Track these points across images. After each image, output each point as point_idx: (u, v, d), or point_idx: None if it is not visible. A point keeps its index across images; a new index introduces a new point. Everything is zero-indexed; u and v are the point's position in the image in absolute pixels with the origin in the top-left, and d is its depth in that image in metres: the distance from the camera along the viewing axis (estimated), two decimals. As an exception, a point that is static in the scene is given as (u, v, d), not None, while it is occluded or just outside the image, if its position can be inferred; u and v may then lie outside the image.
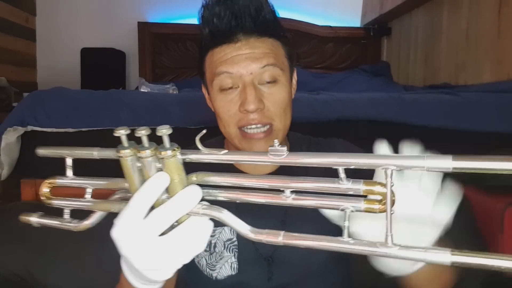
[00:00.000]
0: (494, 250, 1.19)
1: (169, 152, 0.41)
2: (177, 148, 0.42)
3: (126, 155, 0.42)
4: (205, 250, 0.77)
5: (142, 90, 1.72)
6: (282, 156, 0.39)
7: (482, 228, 1.24)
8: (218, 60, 0.69)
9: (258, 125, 0.69)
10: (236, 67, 0.68)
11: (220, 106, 0.70)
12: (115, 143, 1.45)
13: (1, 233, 1.16)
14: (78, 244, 1.14)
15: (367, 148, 1.47)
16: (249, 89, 0.67)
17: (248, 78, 0.68)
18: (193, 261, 0.69)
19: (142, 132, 0.40)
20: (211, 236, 0.71)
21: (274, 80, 0.69)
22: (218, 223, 0.44)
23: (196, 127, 1.29)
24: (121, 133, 0.41)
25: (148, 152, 0.41)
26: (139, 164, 0.43)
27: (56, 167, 1.40)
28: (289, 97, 0.73)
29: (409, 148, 0.47)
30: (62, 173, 1.37)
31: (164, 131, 0.40)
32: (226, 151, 0.44)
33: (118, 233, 0.46)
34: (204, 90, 0.79)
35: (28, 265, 1.11)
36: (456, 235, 1.30)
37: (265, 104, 0.68)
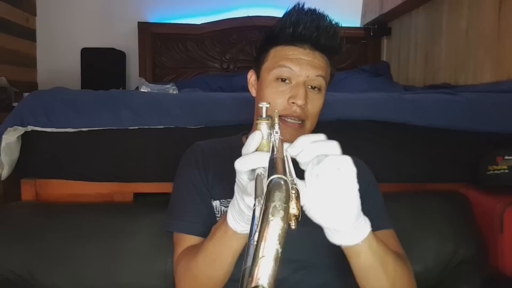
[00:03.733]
0: (493, 249, 1.19)
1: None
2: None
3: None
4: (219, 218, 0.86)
5: (142, 90, 1.72)
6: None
7: (482, 228, 1.24)
8: (285, 56, 0.83)
9: (296, 119, 0.82)
10: (298, 67, 0.82)
11: (271, 92, 0.83)
12: (115, 143, 1.44)
13: (1, 233, 1.16)
14: (78, 244, 1.14)
15: (367, 148, 1.47)
16: (302, 88, 0.81)
17: (303, 79, 0.82)
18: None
19: (264, 104, 0.55)
20: (225, 206, 0.86)
21: (319, 88, 0.85)
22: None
23: (196, 127, 1.29)
24: (263, 104, 0.55)
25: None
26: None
27: (56, 167, 1.40)
28: (321, 108, 0.87)
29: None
30: (62, 173, 1.37)
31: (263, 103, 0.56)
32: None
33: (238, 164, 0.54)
34: (251, 74, 0.92)
35: (28, 265, 1.11)
36: (457, 234, 1.30)
37: (307, 103, 0.82)
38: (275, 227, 0.28)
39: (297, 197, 0.43)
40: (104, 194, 1.32)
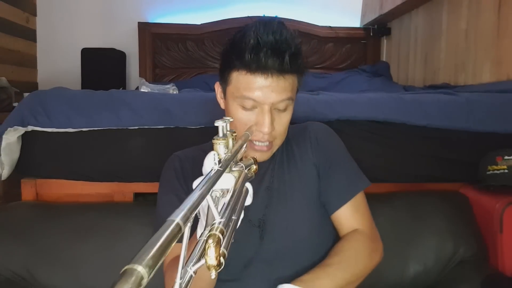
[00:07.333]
0: (493, 249, 1.19)
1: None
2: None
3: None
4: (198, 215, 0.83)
5: (142, 90, 1.72)
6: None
7: (482, 227, 1.25)
8: (248, 85, 0.79)
9: (265, 142, 0.83)
10: (261, 97, 0.79)
11: (238, 118, 0.82)
12: (115, 143, 1.45)
13: (1, 233, 1.16)
14: (78, 244, 1.15)
15: (367, 148, 1.47)
16: (267, 116, 0.80)
17: (267, 107, 0.80)
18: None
19: (220, 123, 0.53)
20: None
21: (286, 109, 0.83)
22: None
23: (196, 127, 1.29)
24: (219, 123, 0.53)
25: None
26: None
27: (56, 167, 1.40)
28: (291, 116, 0.86)
29: None
30: (62, 173, 1.37)
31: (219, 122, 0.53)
32: None
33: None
34: (217, 87, 0.90)
35: (28, 265, 1.12)
36: (456, 234, 1.30)
37: (274, 126, 0.82)
38: None
39: (217, 245, 0.39)
40: (104, 194, 1.32)
